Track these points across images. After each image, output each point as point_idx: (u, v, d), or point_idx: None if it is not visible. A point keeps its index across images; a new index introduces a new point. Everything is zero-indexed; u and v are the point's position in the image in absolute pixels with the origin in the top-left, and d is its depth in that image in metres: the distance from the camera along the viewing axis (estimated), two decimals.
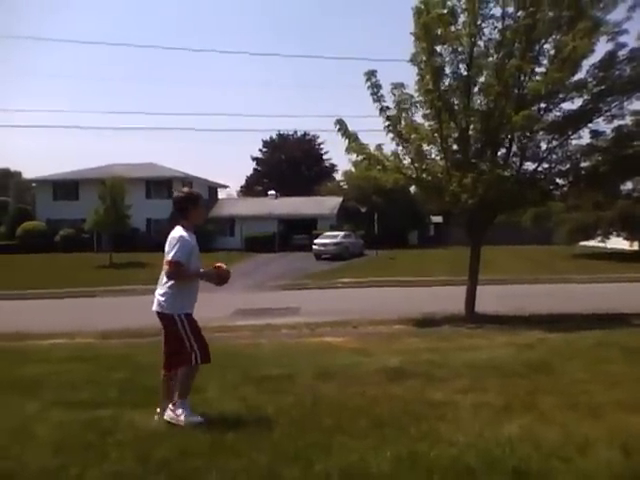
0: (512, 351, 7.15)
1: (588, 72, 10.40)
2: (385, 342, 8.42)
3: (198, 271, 4.44)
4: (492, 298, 12.80)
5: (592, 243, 31.66)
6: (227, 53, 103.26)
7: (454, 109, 10.65)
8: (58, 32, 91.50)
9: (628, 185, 24.89)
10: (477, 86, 10.65)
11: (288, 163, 62.65)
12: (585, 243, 32.09)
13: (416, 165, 11.14)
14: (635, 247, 31.09)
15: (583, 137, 10.93)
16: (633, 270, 21.31)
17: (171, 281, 4.32)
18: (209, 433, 3.99)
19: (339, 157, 78.64)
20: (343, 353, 7.47)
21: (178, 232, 4.35)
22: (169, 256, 4.28)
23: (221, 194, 51.64)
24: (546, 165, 11.18)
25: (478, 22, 10.26)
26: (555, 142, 10.90)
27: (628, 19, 10.07)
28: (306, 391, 5.20)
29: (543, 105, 10.63)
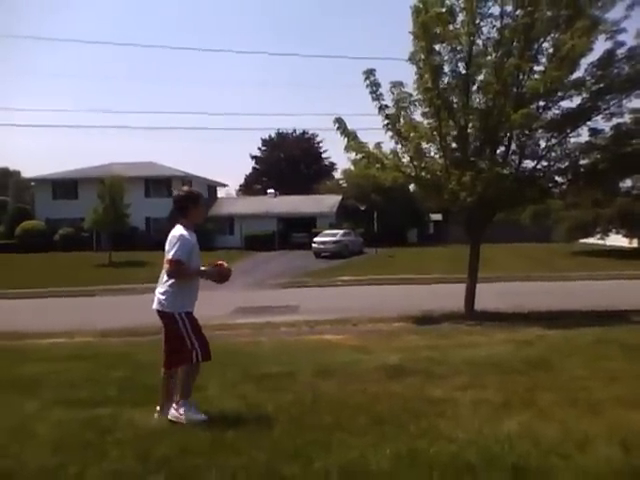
0: (511, 348, 7.17)
1: (587, 70, 10.40)
2: (385, 340, 8.43)
3: (199, 269, 4.45)
4: (491, 295, 12.82)
5: (591, 240, 31.69)
6: (226, 52, 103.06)
7: (453, 107, 10.64)
8: (57, 31, 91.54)
9: (627, 183, 25.02)
10: (476, 84, 10.64)
11: (287, 162, 62.63)
12: (584, 240, 32.12)
13: (415, 163, 11.14)
14: (634, 244, 31.13)
15: (582, 135, 10.94)
16: (632, 267, 21.33)
17: (171, 280, 4.32)
18: (209, 431, 4.00)
19: (338, 155, 78.71)
20: (343, 351, 7.48)
21: (178, 231, 4.36)
22: (169, 255, 4.28)
23: (220, 193, 51.76)
24: (545, 163, 11.19)
25: (477, 21, 10.25)
26: (554, 140, 10.90)
27: (626, 17, 10.07)
28: (306, 389, 5.21)
29: (542, 103, 10.62)
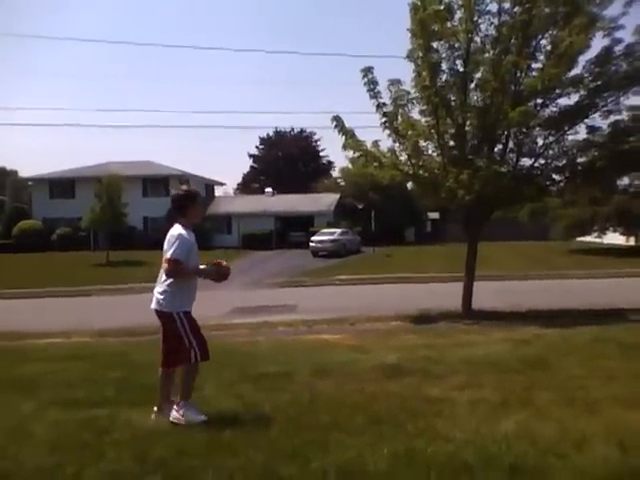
0: (509, 347, 7.17)
1: (584, 67, 10.40)
2: (382, 339, 8.42)
3: (198, 268, 4.43)
4: (489, 294, 12.83)
5: (589, 239, 31.74)
6: (224, 50, 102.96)
7: (451, 105, 10.63)
8: (57, 30, 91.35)
9: (624, 180, 25.03)
10: (474, 82, 10.63)
11: (285, 160, 62.56)
12: (582, 239, 32.16)
13: (413, 161, 11.12)
14: (631, 242, 31.19)
15: (579, 132, 10.95)
16: (630, 265, 21.38)
17: (170, 279, 4.31)
18: (206, 431, 3.99)
19: (336, 154, 78.70)
20: (340, 350, 7.47)
21: (177, 230, 4.35)
22: (168, 254, 4.27)
23: (218, 192, 51.70)
24: (543, 161, 11.19)
25: (474, 18, 10.24)
26: (551, 138, 10.89)
27: (624, 14, 10.06)
28: (303, 388, 5.20)
29: (539, 101, 10.62)
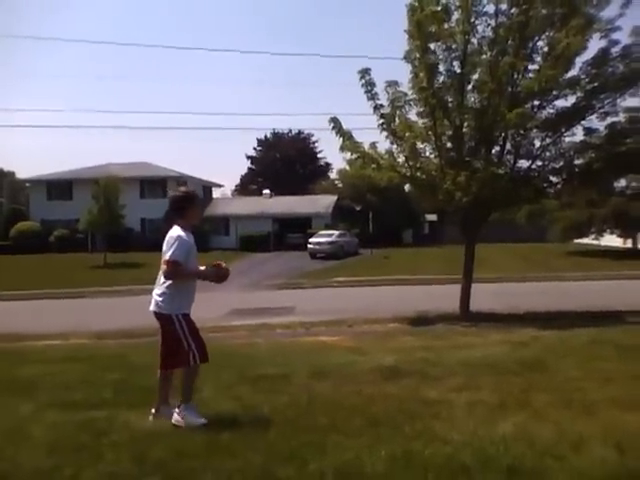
0: (506, 349, 7.18)
1: (581, 69, 10.42)
2: (380, 341, 8.42)
3: (197, 270, 4.43)
4: (487, 296, 12.83)
5: (586, 241, 31.78)
6: (222, 51, 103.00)
7: (448, 107, 10.63)
8: (55, 31, 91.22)
9: (622, 182, 25.12)
10: (471, 84, 10.64)
11: (283, 162, 62.55)
12: (579, 241, 32.21)
13: (410, 163, 11.13)
14: (629, 244, 31.24)
15: (576, 134, 10.96)
16: (627, 267, 21.41)
17: (169, 281, 4.30)
18: (204, 433, 3.99)
19: (334, 156, 78.74)
20: (338, 352, 7.47)
21: (176, 232, 4.34)
22: (167, 255, 4.26)
23: (215, 193, 51.62)
24: (540, 163, 11.20)
25: (471, 19, 10.24)
26: (549, 139, 10.91)
27: (621, 16, 10.07)
28: (301, 390, 5.20)
29: (536, 102, 10.63)
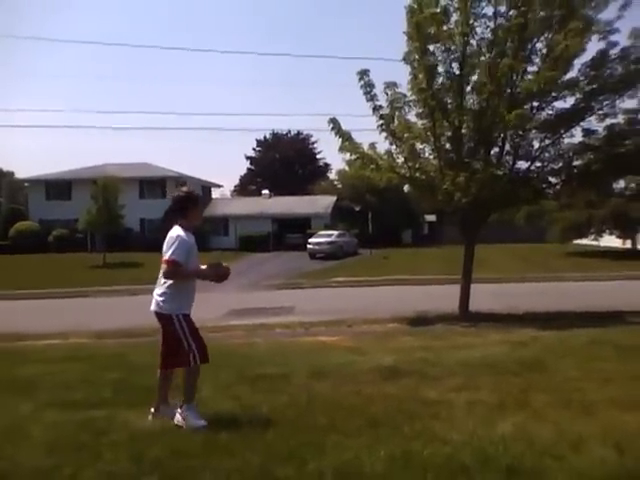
0: (506, 349, 7.18)
1: (580, 71, 10.45)
2: (379, 341, 8.43)
3: (197, 269, 4.43)
4: (486, 296, 12.84)
5: (585, 241, 31.80)
6: (221, 52, 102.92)
7: (447, 108, 10.65)
8: (55, 32, 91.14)
9: (620, 183, 25.14)
10: (470, 85, 10.65)
11: (282, 162, 62.57)
12: (578, 241, 32.23)
13: (409, 164, 11.15)
14: (628, 245, 31.27)
15: (575, 136, 10.99)
16: (626, 268, 21.43)
17: (169, 281, 4.31)
18: (203, 433, 4.00)
19: (333, 156, 78.80)
20: (337, 352, 7.47)
21: (176, 232, 4.34)
22: (167, 255, 4.27)
23: (215, 194, 51.63)
24: (539, 164, 11.22)
25: (470, 21, 10.25)
26: (548, 141, 10.93)
27: (619, 18, 10.11)
28: (300, 390, 5.21)
29: (535, 104, 10.65)
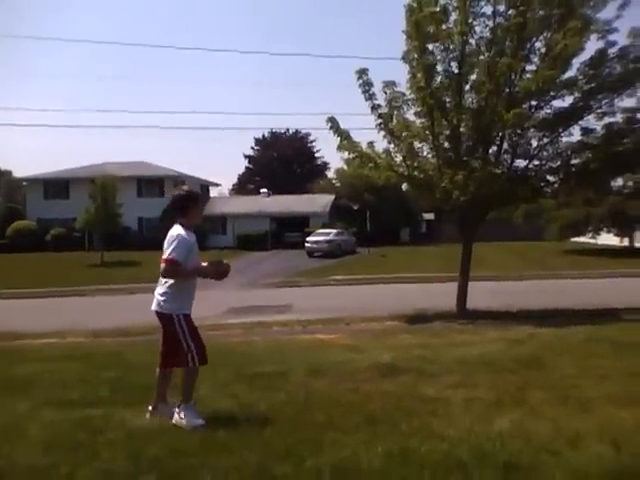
0: (503, 347, 7.20)
1: (578, 70, 10.46)
2: (377, 338, 8.44)
3: (198, 267, 4.41)
4: (483, 294, 12.86)
5: (583, 239, 31.88)
6: (220, 51, 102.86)
7: (446, 107, 10.65)
8: (55, 31, 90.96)
9: (618, 182, 25.17)
10: (469, 84, 10.66)
11: (280, 161, 62.53)
12: (576, 239, 32.30)
13: (408, 163, 11.15)
14: (625, 243, 31.33)
15: (574, 134, 11.01)
16: (623, 266, 21.49)
17: (171, 281, 4.30)
18: (201, 431, 3.99)
19: (331, 155, 78.75)
20: (335, 350, 7.48)
21: (176, 230, 4.33)
22: (165, 254, 4.26)
23: (213, 192, 51.71)
24: (537, 162, 11.24)
25: (469, 20, 10.26)
26: (546, 139, 10.95)
27: (618, 17, 10.12)
28: (298, 388, 5.21)
29: (534, 103, 10.66)
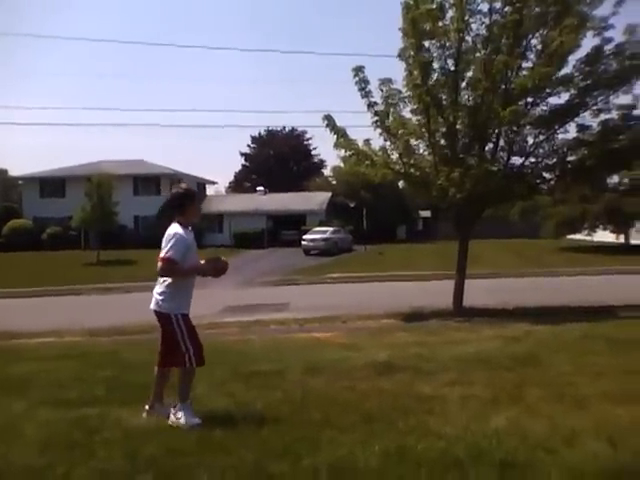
0: (499, 344, 7.21)
1: (574, 67, 10.48)
2: (373, 337, 8.44)
3: (196, 265, 4.40)
4: (480, 292, 12.87)
5: (579, 236, 31.95)
6: (219, 49, 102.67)
7: (442, 104, 10.66)
8: (55, 30, 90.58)
9: (614, 179, 25.23)
10: (465, 81, 10.67)
11: (276, 159, 62.44)
12: (572, 236, 32.37)
13: (404, 160, 11.15)
14: (621, 240, 31.41)
15: (570, 131, 11.04)
16: (619, 262, 21.55)
17: (169, 280, 4.29)
18: (197, 430, 3.99)
19: (328, 153, 78.74)
20: (332, 348, 7.48)
21: (174, 229, 4.31)
22: (162, 252, 4.25)
23: (209, 190, 51.55)
24: (533, 159, 11.26)
25: (466, 17, 10.26)
26: (542, 136, 10.97)
27: (614, 14, 10.13)
28: (295, 386, 5.21)
29: (530, 100, 10.68)
